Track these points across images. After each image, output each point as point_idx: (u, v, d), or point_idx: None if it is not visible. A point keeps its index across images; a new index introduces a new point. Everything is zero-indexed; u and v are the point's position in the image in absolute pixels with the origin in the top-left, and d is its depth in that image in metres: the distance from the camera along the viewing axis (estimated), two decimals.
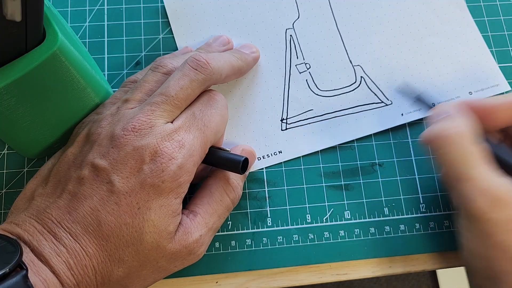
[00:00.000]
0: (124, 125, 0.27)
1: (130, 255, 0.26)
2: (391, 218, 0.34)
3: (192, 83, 0.29)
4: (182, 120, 0.28)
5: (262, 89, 0.37)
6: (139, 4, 0.39)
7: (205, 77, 0.29)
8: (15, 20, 0.23)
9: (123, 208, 0.26)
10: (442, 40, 0.39)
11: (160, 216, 0.26)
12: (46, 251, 0.24)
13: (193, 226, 0.28)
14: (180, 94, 0.28)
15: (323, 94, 0.37)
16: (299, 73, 0.37)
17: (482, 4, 0.40)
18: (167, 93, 0.28)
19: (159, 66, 0.31)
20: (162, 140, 0.27)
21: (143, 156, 0.26)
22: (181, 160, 0.27)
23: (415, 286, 0.97)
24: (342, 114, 0.37)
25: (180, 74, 0.29)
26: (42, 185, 0.28)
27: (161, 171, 0.26)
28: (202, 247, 0.29)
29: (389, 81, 0.37)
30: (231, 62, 0.33)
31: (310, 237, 0.34)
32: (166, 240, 0.27)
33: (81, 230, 0.25)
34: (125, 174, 0.26)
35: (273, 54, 0.38)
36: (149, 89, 0.30)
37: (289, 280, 0.33)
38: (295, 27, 0.39)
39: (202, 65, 0.29)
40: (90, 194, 0.26)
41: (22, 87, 0.26)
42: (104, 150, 0.27)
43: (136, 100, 0.29)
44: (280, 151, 0.36)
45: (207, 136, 0.29)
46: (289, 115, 0.36)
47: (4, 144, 0.35)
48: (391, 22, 0.39)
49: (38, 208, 0.26)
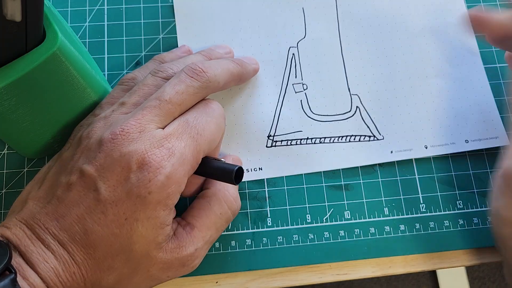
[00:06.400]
0: (113, 129, 0.26)
1: (120, 263, 0.25)
2: (391, 218, 0.34)
3: (188, 89, 0.28)
4: (174, 126, 0.27)
5: (255, 103, 0.36)
6: (139, 4, 0.39)
7: (201, 85, 0.29)
8: (15, 20, 0.23)
9: (109, 217, 0.25)
10: (448, 82, 0.37)
11: (147, 228, 0.25)
12: (33, 256, 0.24)
13: (188, 240, 0.28)
14: (174, 99, 0.27)
15: (315, 118, 0.36)
16: (295, 93, 0.37)
17: (482, 4, 0.40)
18: (161, 97, 0.27)
19: (159, 71, 0.31)
20: (150, 147, 0.25)
21: (130, 163, 0.25)
22: (170, 170, 0.25)
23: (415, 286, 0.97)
24: (330, 141, 0.35)
25: (176, 80, 0.29)
26: (36, 188, 0.27)
27: (148, 181, 0.25)
28: (196, 260, 0.28)
29: (385, 116, 0.36)
30: (229, 69, 0.32)
31: (310, 237, 0.34)
32: (156, 250, 0.26)
33: (69, 238, 0.25)
34: (112, 182, 0.25)
35: (272, 69, 0.37)
36: (146, 93, 0.29)
37: (289, 280, 0.33)
38: (299, 46, 0.38)
39: (198, 73, 0.29)
40: (77, 201, 0.25)
41: (22, 87, 0.26)
42: (92, 155, 0.26)
43: (132, 104, 0.29)
44: (260, 168, 0.35)
45: (200, 145, 0.27)
46: (277, 133, 0.35)
47: (4, 144, 0.35)
48: (398, 57, 0.38)
49: (30, 212, 0.26)
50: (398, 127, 0.36)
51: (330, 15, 0.39)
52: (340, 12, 0.39)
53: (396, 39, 0.38)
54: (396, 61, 0.38)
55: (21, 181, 0.34)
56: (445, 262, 0.33)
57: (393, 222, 0.34)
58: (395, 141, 0.36)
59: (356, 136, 0.36)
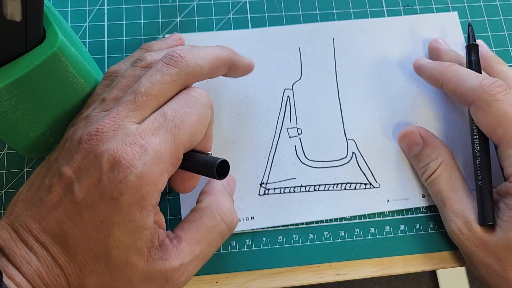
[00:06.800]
0: (89, 129, 0.25)
1: (101, 268, 0.24)
2: (391, 218, 0.34)
3: (164, 77, 0.26)
4: (149, 121, 0.25)
5: (247, 148, 0.35)
6: (139, 4, 0.39)
7: (179, 70, 0.27)
8: (15, 20, 0.23)
9: (86, 220, 0.24)
10: (447, 128, 0.36)
11: (124, 232, 0.24)
12: (16, 258, 0.24)
13: (174, 253, 0.25)
14: (150, 90, 0.26)
15: (310, 164, 0.35)
16: (289, 138, 0.35)
17: (482, 4, 0.40)
18: (136, 90, 0.26)
19: (138, 60, 0.29)
20: (122, 145, 0.24)
21: (101, 163, 0.24)
22: (141, 169, 0.24)
23: (415, 286, 0.97)
24: (325, 189, 0.34)
25: (152, 70, 0.27)
26: (25, 190, 0.27)
27: (118, 181, 0.23)
28: (182, 277, 0.26)
29: (382, 163, 0.35)
30: (215, 53, 0.29)
31: (310, 237, 0.34)
32: (136, 256, 0.24)
33: (50, 241, 0.24)
34: (86, 183, 0.24)
35: (266, 113, 0.36)
36: (125, 85, 0.28)
37: (289, 280, 0.33)
38: (294, 89, 0.36)
39: (175, 59, 0.27)
40: (56, 203, 0.24)
41: (22, 87, 0.26)
42: (70, 157, 0.25)
43: (111, 100, 0.27)
44: (252, 217, 0.33)
45: (179, 139, 0.25)
46: (270, 180, 0.34)
47: (4, 144, 0.35)
48: (396, 100, 0.36)
49: (16, 214, 0.25)
50: (395, 175, 0.35)
51: (327, 55, 0.37)
52: (337, 52, 0.38)
53: (394, 81, 0.37)
54: (394, 105, 0.36)
55: (21, 181, 0.34)
56: (445, 262, 0.33)
57: (393, 222, 0.34)
58: (391, 190, 0.34)
59: (352, 183, 0.34)
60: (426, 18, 0.39)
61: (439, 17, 0.39)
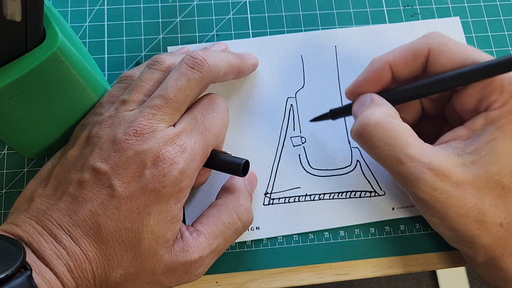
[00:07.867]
0: (125, 129, 0.27)
1: (128, 260, 0.26)
2: (391, 218, 0.34)
3: (190, 83, 0.28)
4: (183, 124, 0.28)
5: (251, 157, 0.34)
6: (139, 4, 0.39)
7: (203, 75, 0.29)
8: (15, 20, 0.23)
9: (123, 212, 0.26)
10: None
11: (158, 221, 0.26)
12: (46, 253, 0.24)
13: (194, 245, 0.28)
14: (179, 96, 0.28)
15: (314, 173, 0.34)
16: (293, 147, 0.35)
17: (482, 4, 0.40)
18: (165, 95, 0.28)
19: (156, 62, 0.31)
20: (164, 145, 0.27)
21: (144, 160, 0.26)
22: (183, 165, 0.27)
23: (415, 286, 0.97)
24: (330, 197, 0.34)
25: (177, 74, 0.29)
26: (41, 186, 0.28)
27: (162, 176, 0.26)
28: (200, 268, 0.28)
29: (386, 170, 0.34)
30: (228, 60, 0.32)
31: (310, 237, 0.34)
32: (162, 248, 0.27)
33: (81, 234, 0.25)
34: (126, 178, 0.26)
35: (269, 122, 0.36)
36: (147, 89, 0.29)
37: (289, 280, 0.33)
38: (297, 97, 0.36)
39: (199, 62, 0.29)
40: (90, 197, 0.26)
41: (22, 87, 0.26)
42: (105, 154, 0.27)
43: (135, 102, 0.29)
44: (257, 227, 0.33)
45: (209, 140, 0.29)
46: (274, 190, 0.34)
47: (4, 144, 0.35)
48: None
49: (38, 210, 0.26)
50: None
51: (330, 63, 0.37)
52: (340, 59, 0.37)
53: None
54: None
55: (21, 181, 0.34)
56: (445, 262, 0.33)
57: (393, 222, 0.34)
58: (397, 197, 0.34)
59: (356, 191, 0.34)
60: (428, 24, 0.39)
61: (441, 23, 0.39)
